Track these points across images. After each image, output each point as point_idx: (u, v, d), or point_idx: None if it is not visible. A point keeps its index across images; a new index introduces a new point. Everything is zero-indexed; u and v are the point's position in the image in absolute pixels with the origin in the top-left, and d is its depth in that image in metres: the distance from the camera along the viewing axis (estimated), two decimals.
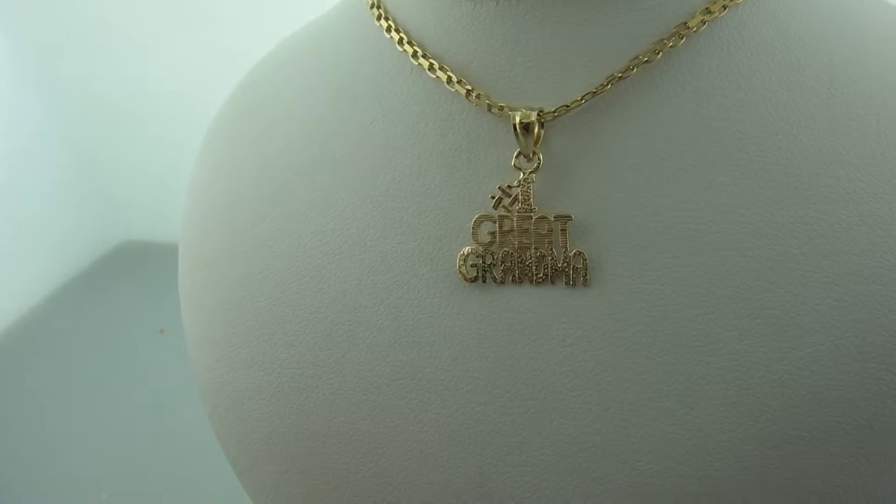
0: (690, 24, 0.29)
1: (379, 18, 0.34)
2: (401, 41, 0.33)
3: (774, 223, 0.28)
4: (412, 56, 0.33)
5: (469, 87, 0.31)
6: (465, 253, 0.31)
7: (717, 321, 0.28)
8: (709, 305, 0.28)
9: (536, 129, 0.29)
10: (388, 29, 0.34)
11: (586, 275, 0.29)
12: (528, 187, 0.30)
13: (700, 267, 0.29)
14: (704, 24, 0.29)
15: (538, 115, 0.29)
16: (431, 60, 0.32)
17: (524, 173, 0.30)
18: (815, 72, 0.30)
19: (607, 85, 0.29)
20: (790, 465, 0.27)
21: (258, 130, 0.39)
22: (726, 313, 0.28)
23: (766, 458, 0.27)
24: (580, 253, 0.29)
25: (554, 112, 0.29)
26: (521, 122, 0.29)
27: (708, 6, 0.29)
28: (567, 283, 0.30)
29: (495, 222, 0.31)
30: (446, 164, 0.32)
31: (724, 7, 0.29)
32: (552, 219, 0.30)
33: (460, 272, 0.31)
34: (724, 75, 0.29)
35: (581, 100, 0.29)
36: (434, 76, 0.32)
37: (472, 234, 0.31)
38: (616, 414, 0.29)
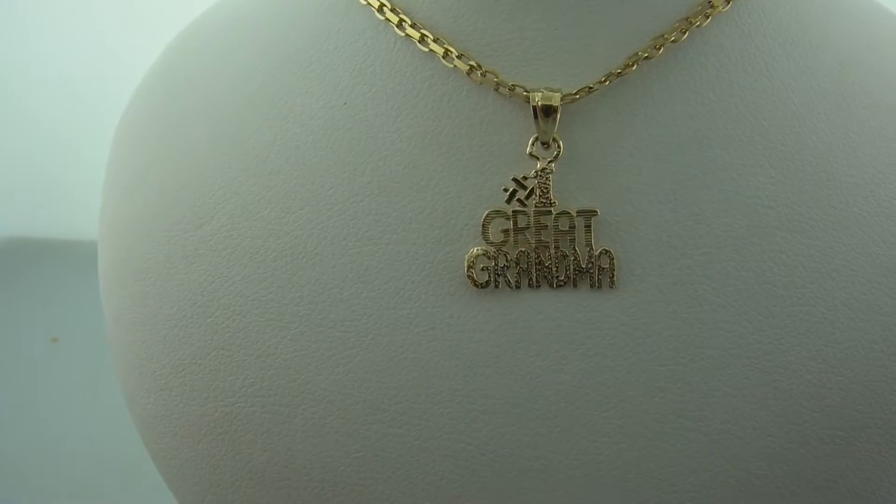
0: (716, 2, 0.27)
1: None
2: (381, 8, 0.28)
3: (802, 216, 0.27)
4: (397, 26, 0.28)
5: (472, 63, 0.27)
6: (475, 254, 0.27)
7: (751, 321, 0.26)
8: (741, 305, 0.26)
9: (558, 113, 0.26)
10: None
11: (613, 276, 0.26)
12: (547, 178, 0.27)
13: (731, 263, 0.27)
14: (729, 3, 0.27)
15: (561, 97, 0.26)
16: (423, 31, 0.28)
17: (541, 162, 0.27)
18: (829, 57, 0.29)
19: (632, 65, 0.26)
20: (829, 465, 0.26)
21: (191, 116, 0.33)
22: (760, 312, 0.26)
23: (804, 462, 0.26)
24: (607, 251, 0.26)
25: (575, 94, 0.26)
26: (541, 105, 0.26)
27: None
28: (591, 286, 0.27)
29: (509, 219, 0.27)
30: (444, 152, 0.28)
31: None
32: (575, 214, 0.27)
33: (469, 276, 0.27)
34: (746, 58, 0.28)
35: (605, 80, 0.26)
36: (426, 49, 0.28)
37: (483, 232, 0.27)
38: (649, 428, 0.26)
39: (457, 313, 0.27)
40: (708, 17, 0.27)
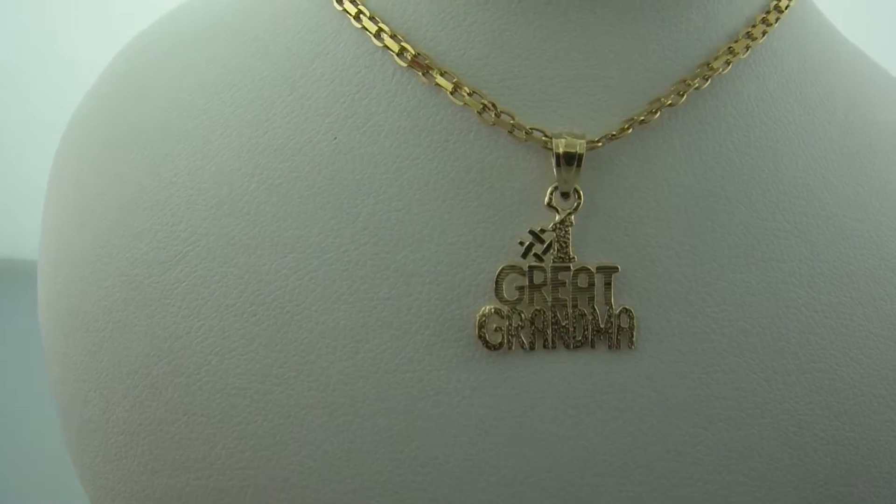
0: (736, 48, 0.26)
1: (341, 2, 0.26)
2: (379, 33, 0.25)
3: (814, 270, 0.26)
4: (398, 54, 0.25)
5: (485, 102, 0.25)
6: (487, 313, 0.25)
7: (767, 379, 0.26)
8: (757, 363, 0.26)
9: (580, 162, 0.24)
10: (359, 17, 0.26)
11: (633, 336, 0.25)
12: (567, 232, 0.25)
13: (746, 320, 0.26)
14: (748, 49, 0.26)
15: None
16: (429, 63, 0.25)
17: (561, 214, 0.25)
18: (836, 105, 0.28)
19: (655, 112, 0.25)
20: None
21: (147, 140, 0.28)
22: (776, 370, 0.26)
23: None
24: (627, 310, 0.25)
25: (597, 141, 0.24)
26: (564, 153, 0.24)
27: (749, 30, 0.26)
28: (610, 347, 0.25)
29: (524, 275, 0.25)
30: (450, 198, 0.25)
31: (764, 32, 0.26)
32: (595, 270, 0.25)
33: (480, 337, 0.25)
34: (762, 108, 0.27)
35: (627, 128, 0.25)
36: (431, 83, 0.25)
37: (496, 289, 0.25)
38: (666, 494, 0.25)
39: (465, 377, 0.25)
40: (729, 65, 0.25)
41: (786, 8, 0.27)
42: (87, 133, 0.30)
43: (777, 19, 0.27)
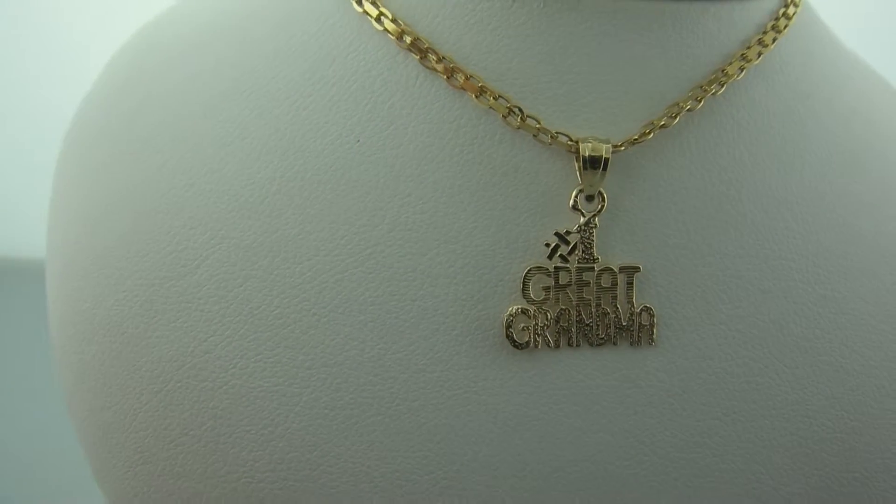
0: (749, 54, 0.27)
1: (361, 3, 0.26)
2: (402, 36, 0.26)
3: (820, 268, 0.28)
4: (421, 58, 0.25)
5: (510, 106, 0.25)
6: (514, 313, 0.25)
7: (778, 372, 0.27)
8: (769, 357, 0.27)
9: (606, 165, 0.25)
10: (380, 19, 0.26)
11: (653, 333, 0.26)
12: (591, 233, 0.25)
13: (758, 316, 0.27)
14: (760, 55, 0.27)
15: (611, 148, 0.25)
16: (454, 66, 0.25)
17: (585, 216, 0.25)
18: (839, 108, 0.29)
19: (674, 117, 0.26)
20: None
21: (159, 143, 0.28)
22: (786, 364, 0.27)
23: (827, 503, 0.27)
24: (648, 308, 0.26)
25: (620, 145, 0.25)
26: (590, 156, 0.24)
27: (760, 37, 0.27)
28: (631, 344, 0.26)
29: (550, 275, 0.25)
30: (475, 200, 0.26)
31: (774, 39, 0.27)
32: (618, 270, 0.26)
33: (508, 337, 0.25)
34: (772, 112, 0.28)
35: (648, 132, 0.25)
36: (456, 87, 0.25)
37: (523, 289, 0.25)
38: (686, 483, 0.26)
39: (493, 375, 0.25)
40: (742, 71, 0.26)
41: (793, 14, 0.28)
42: (91, 138, 0.30)
43: (786, 26, 0.28)
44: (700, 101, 0.26)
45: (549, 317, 0.25)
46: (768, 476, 0.27)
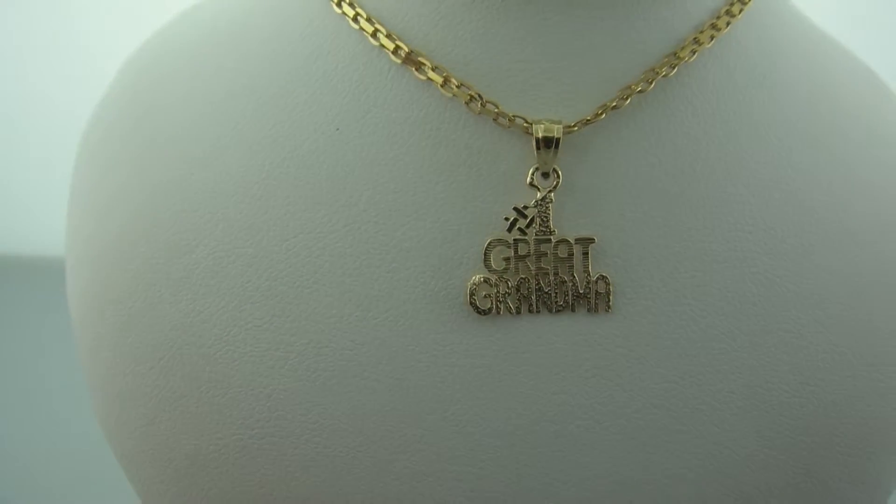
0: (701, 38, 0.28)
1: (339, 4, 0.29)
2: (375, 34, 0.28)
3: (776, 239, 0.29)
4: (392, 52, 0.28)
5: (472, 93, 0.27)
6: (477, 281, 0.27)
7: (734, 339, 0.28)
8: (725, 324, 0.28)
9: (559, 145, 0.27)
10: (356, 18, 0.29)
11: (609, 300, 0.28)
12: (547, 208, 0.27)
13: (715, 285, 0.28)
14: (713, 39, 0.28)
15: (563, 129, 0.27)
16: (421, 59, 0.28)
17: (541, 192, 0.27)
18: (800, 90, 0.31)
19: (626, 99, 0.27)
20: (807, 468, 0.28)
21: (165, 139, 0.31)
22: (742, 330, 0.28)
23: (785, 467, 0.28)
24: (603, 277, 0.28)
25: (573, 126, 0.27)
26: (543, 136, 0.27)
27: (713, 21, 0.29)
28: (589, 310, 0.28)
29: (510, 247, 0.27)
30: (442, 181, 0.28)
31: (728, 23, 0.29)
32: (573, 242, 0.27)
33: (471, 304, 0.27)
34: (726, 92, 0.29)
35: (601, 113, 0.27)
36: (423, 78, 0.28)
37: (485, 259, 0.27)
38: (644, 443, 0.28)
39: (458, 340, 0.28)
40: (694, 54, 0.28)
41: (749, 0, 0.29)
42: (104, 139, 0.33)
43: (741, 10, 0.29)
44: (651, 82, 0.28)
45: (509, 285, 0.27)
46: (726, 438, 0.28)
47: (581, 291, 0.28)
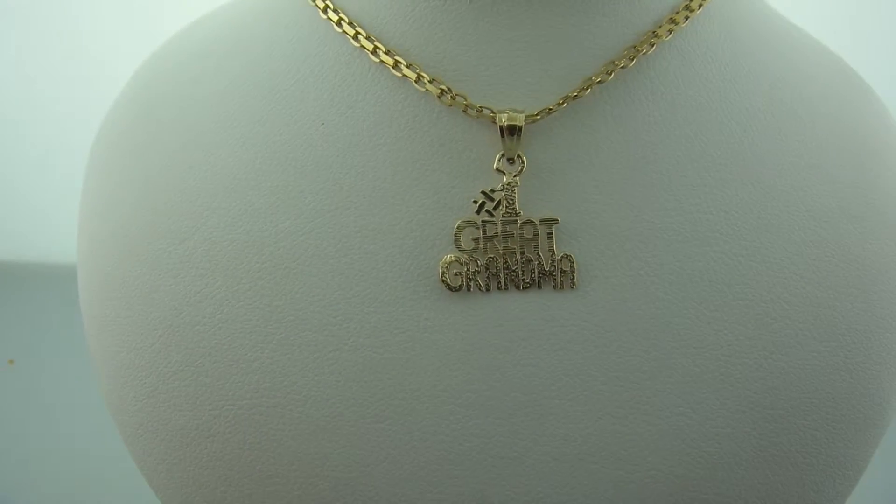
0: (659, 32, 0.30)
1: (325, 11, 0.32)
2: (357, 36, 0.31)
3: (737, 220, 0.30)
4: (371, 53, 0.30)
5: (443, 87, 0.29)
6: (448, 260, 0.29)
7: (698, 315, 0.29)
8: (689, 301, 0.29)
9: (522, 132, 0.29)
10: (340, 23, 0.31)
11: (574, 278, 0.29)
12: (513, 191, 0.29)
13: (676, 264, 0.30)
14: (671, 32, 0.30)
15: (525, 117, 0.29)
16: (397, 58, 0.30)
17: (507, 177, 0.29)
18: (761, 80, 0.32)
19: (586, 89, 0.29)
20: (773, 441, 0.29)
21: (164, 138, 0.34)
22: (706, 307, 0.29)
23: (751, 439, 0.29)
24: (568, 256, 0.29)
25: (536, 115, 0.29)
26: (507, 125, 0.29)
27: (672, 16, 0.30)
28: (554, 287, 0.29)
29: (479, 228, 0.29)
30: (417, 168, 0.30)
31: (686, 17, 0.30)
32: (538, 222, 0.29)
33: (443, 281, 0.29)
34: (686, 81, 0.31)
35: (562, 103, 0.29)
36: (399, 75, 0.30)
37: (455, 240, 0.29)
38: (611, 413, 0.29)
39: (432, 316, 0.29)
40: (653, 46, 0.30)
41: None
42: (113, 135, 0.36)
43: (700, 6, 0.31)
44: (611, 73, 0.29)
45: (479, 264, 0.29)
46: (692, 411, 0.29)
47: (547, 269, 0.29)
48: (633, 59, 0.30)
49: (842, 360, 0.30)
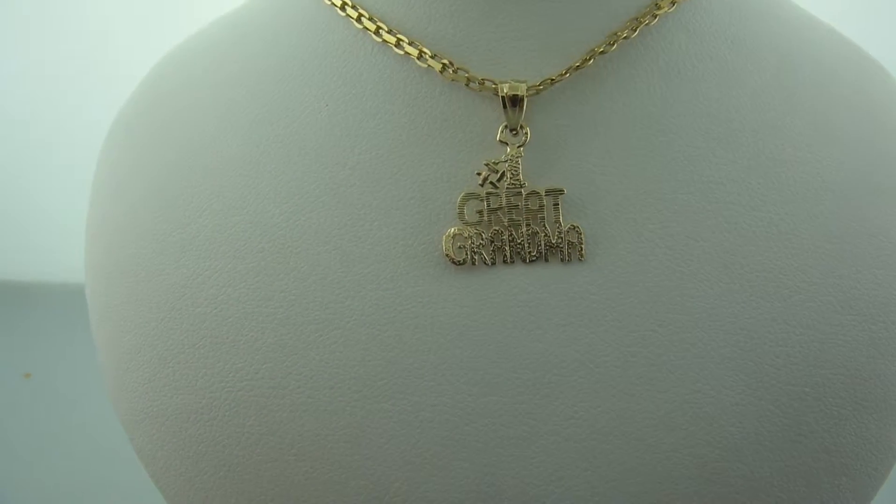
0: (661, 3, 0.30)
1: None
2: (360, 18, 0.31)
3: (752, 191, 0.29)
4: (374, 33, 0.31)
5: (444, 62, 0.29)
6: (452, 234, 0.29)
7: (712, 287, 0.28)
8: (702, 273, 0.28)
9: (525, 103, 0.28)
10: (343, 6, 0.32)
11: (582, 250, 0.28)
12: (517, 162, 0.29)
13: (689, 236, 0.29)
14: (674, 4, 0.30)
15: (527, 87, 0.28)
16: (399, 36, 0.30)
17: (511, 148, 0.29)
18: (767, 53, 0.32)
19: (589, 60, 0.29)
20: (797, 420, 0.28)
21: (175, 123, 0.34)
22: (720, 279, 0.28)
23: (774, 418, 0.27)
24: (575, 227, 0.28)
25: (538, 85, 0.29)
26: (508, 95, 0.28)
27: None
28: (562, 260, 0.28)
29: (483, 200, 0.29)
30: (420, 143, 0.30)
31: None
32: (543, 193, 0.29)
33: (447, 255, 0.29)
34: (693, 53, 0.30)
35: (565, 73, 0.29)
36: (401, 52, 0.30)
37: (458, 213, 0.29)
38: (623, 390, 0.28)
39: (437, 291, 0.29)
40: (655, 17, 0.29)
41: None
42: (124, 126, 0.37)
43: None
44: (613, 44, 0.29)
45: (483, 237, 0.29)
46: (707, 386, 0.28)
47: (553, 242, 0.28)
48: (635, 30, 0.29)
49: (866, 334, 0.28)
